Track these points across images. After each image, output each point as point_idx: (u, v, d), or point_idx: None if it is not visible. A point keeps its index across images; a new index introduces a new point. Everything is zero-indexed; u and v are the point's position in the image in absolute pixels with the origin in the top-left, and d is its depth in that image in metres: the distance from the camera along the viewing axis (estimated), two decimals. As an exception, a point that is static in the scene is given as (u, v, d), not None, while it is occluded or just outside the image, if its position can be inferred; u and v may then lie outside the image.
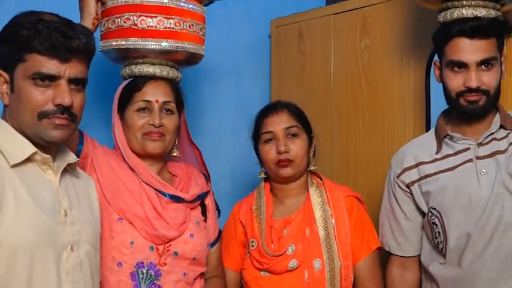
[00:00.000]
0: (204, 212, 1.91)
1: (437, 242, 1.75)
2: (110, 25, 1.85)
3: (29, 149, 1.37)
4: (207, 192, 1.95)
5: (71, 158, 1.50)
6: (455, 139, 1.75)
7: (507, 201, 1.64)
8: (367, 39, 2.40)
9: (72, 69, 1.37)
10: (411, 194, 1.81)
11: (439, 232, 1.73)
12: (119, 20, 1.83)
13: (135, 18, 1.82)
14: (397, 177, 1.84)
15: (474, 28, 1.64)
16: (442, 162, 1.76)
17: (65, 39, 1.34)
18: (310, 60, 2.62)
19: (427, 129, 2.14)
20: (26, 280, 1.29)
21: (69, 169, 1.50)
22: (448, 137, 1.76)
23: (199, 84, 2.60)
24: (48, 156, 1.40)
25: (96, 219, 1.56)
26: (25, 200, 1.32)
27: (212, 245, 1.92)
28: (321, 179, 2.01)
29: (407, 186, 1.81)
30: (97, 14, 1.82)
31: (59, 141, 1.40)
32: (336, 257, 1.86)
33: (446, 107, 1.80)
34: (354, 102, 2.43)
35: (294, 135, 1.94)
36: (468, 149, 1.72)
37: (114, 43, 1.86)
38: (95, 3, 1.81)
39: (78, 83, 1.40)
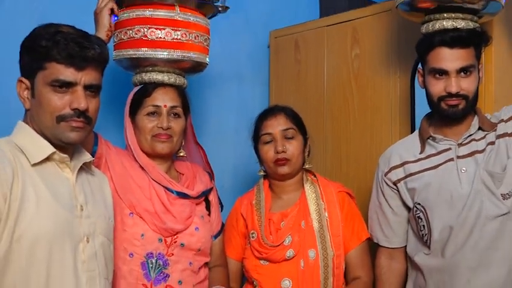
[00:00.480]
0: (208, 207, 1.92)
1: (422, 235, 1.75)
2: (122, 36, 1.86)
3: (48, 149, 1.38)
4: (211, 189, 1.95)
5: (87, 157, 1.51)
6: (438, 140, 1.75)
7: (485, 196, 1.64)
8: (357, 49, 2.40)
9: (87, 76, 1.38)
10: (398, 190, 1.82)
11: (423, 225, 1.74)
12: (131, 31, 1.84)
13: (145, 30, 1.82)
14: (385, 175, 1.84)
15: (454, 38, 1.64)
16: (425, 162, 1.76)
17: (80, 49, 1.36)
18: (305, 67, 2.62)
19: (412, 130, 2.14)
20: (45, 270, 1.30)
21: (84, 168, 1.51)
22: (430, 138, 1.77)
23: (203, 90, 2.60)
24: (65, 155, 1.41)
25: (110, 213, 1.57)
26: (44, 196, 1.33)
27: (215, 236, 1.93)
28: (315, 176, 2.02)
29: (394, 183, 1.82)
30: (110, 26, 1.83)
31: (75, 142, 1.42)
32: (329, 247, 1.86)
33: (429, 110, 1.80)
34: (345, 106, 2.43)
35: (291, 136, 1.94)
36: (449, 149, 1.73)
37: (126, 53, 1.86)
38: (109, 16, 1.82)
39: (93, 89, 1.41)
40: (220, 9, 1.98)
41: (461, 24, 1.69)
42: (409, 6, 1.77)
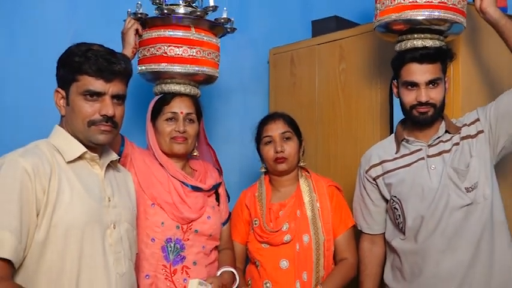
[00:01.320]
0: (217, 199, 1.93)
1: (398, 223, 1.76)
2: (146, 53, 1.88)
3: (81, 149, 1.40)
4: (220, 183, 1.96)
5: (113, 156, 1.53)
6: (410, 142, 1.76)
7: (452, 190, 1.65)
8: (344, 64, 2.40)
9: (114, 87, 1.40)
10: (377, 185, 1.83)
11: (399, 215, 1.75)
12: (153, 49, 1.86)
13: (166, 47, 1.84)
14: (366, 172, 1.85)
15: (423, 55, 1.66)
16: (400, 160, 1.77)
17: (108, 64, 1.37)
18: (299, 80, 2.63)
19: (391, 134, 2.15)
20: (78, 252, 1.31)
21: (111, 165, 1.52)
22: (404, 140, 1.77)
23: (213, 99, 2.61)
24: (95, 154, 1.43)
25: (133, 203, 1.58)
26: (77, 188, 1.35)
27: (224, 224, 1.94)
28: (308, 172, 2.03)
29: (374, 179, 1.83)
30: (135, 44, 1.84)
31: (104, 143, 1.43)
32: (321, 233, 1.88)
33: (404, 117, 1.81)
34: (334, 113, 2.44)
35: (288, 138, 1.95)
36: (420, 149, 1.74)
37: (148, 67, 1.87)
38: (134, 36, 1.83)
39: (119, 98, 1.43)
40: (228, 30, 1.99)
41: (429, 43, 1.69)
42: (384, 28, 1.77)
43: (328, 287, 1.81)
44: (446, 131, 1.72)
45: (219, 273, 1.81)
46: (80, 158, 1.41)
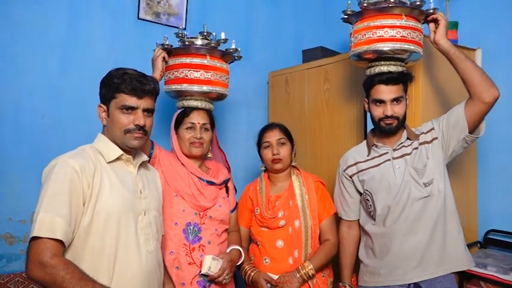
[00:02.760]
0: (227, 191, 1.90)
1: (370, 211, 1.74)
2: (171, 76, 1.87)
3: (118, 152, 1.40)
4: (229, 179, 1.94)
5: (144, 157, 1.52)
6: (379, 147, 1.74)
7: (412, 185, 1.63)
8: (327, 84, 2.39)
9: (145, 103, 1.40)
10: (352, 181, 1.80)
11: (370, 205, 1.73)
12: (176, 72, 1.84)
13: (186, 71, 1.83)
14: (344, 171, 1.83)
15: (388, 78, 1.64)
16: (371, 161, 1.75)
17: (140, 84, 1.38)
18: (292, 97, 2.61)
19: (365, 140, 2.14)
20: (116, 233, 1.31)
21: (143, 165, 1.52)
22: (374, 145, 1.75)
23: (225, 112, 2.61)
24: (130, 156, 1.44)
25: (160, 195, 1.57)
26: (116, 183, 1.35)
27: (232, 211, 1.92)
28: (299, 170, 2.00)
29: (350, 176, 1.80)
30: (163, 69, 1.83)
31: (136, 147, 1.43)
32: (309, 219, 1.85)
33: (373, 127, 1.79)
34: (319, 123, 2.42)
35: (283, 143, 1.92)
36: (387, 153, 1.71)
37: (173, 87, 1.86)
38: (162, 62, 1.82)
39: (148, 111, 1.42)
40: (236, 57, 1.98)
41: (393, 68, 1.67)
42: (357, 57, 1.75)
43: (314, 262, 1.79)
44: (408, 138, 1.70)
45: (228, 250, 1.80)
46: (118, 159, 1.41)
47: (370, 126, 2.12)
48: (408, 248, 1.62)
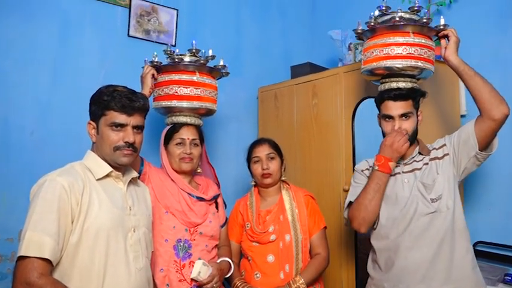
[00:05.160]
0: (216, 206, 1.88)
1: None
2: (160, 92, 1.86)
3: (107, 169, 1.38)
4: (219, 194, 1.92)
5: (134, 174, 1.50)
6: None
7: (420, 200, 1.60)
8: (316, 99, 2.40)
9: (134, 119, 1.39)
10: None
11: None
12: (166, 89, 1.84)
13: (176, 88, 1.82)
14: (362, 171, 1.77)
15: (396, 95, 1.63)
16: None
17: (130, 101, 1.37)
18: (281, 112, 2.62)
19: (353, 155, 2.15)
20: (105, 250, 1.29)
21: (132, 181, 1.50)
22: None
23: (215, 127, 2.60)
24: (119, 173, 1.42)
25: (149, 211, 1.55)
26: (104, 200, 1.33)
27: (222, 226, 1.89)
28: (289, 185, 1.99)
29: (366, 175, 1.75)
30: (152, 86, 1.82)
31: (126, 164, 1.41)
32: (299, 233, 1.83)
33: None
34: (308, 137, 2.43)
35: (272, 158, 1.92)
36: (398, 165, 1.68)
37: (163, 103, 1.85)
38: (151, 79, 1.82)
39: (138, 128, 1.41)
40: (224, 73, 1.97)
41: (402, 84, 1.66)
42: (369, 72, 1.72)
43: (305, 276, 1.76)
44: (419, 153, 1.68)
45: (218, 261, 1.78)
46: (107, 176, 1.38)
47: (358, 139, 2.15)
48: (412, 263, 1.58)
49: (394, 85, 1.66)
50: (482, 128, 1.55)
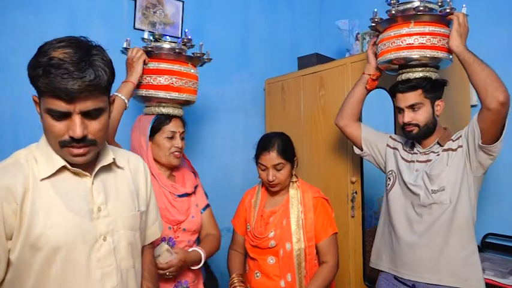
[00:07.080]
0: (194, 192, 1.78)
1: (386, 189, 1.75)
2: (142, 81, 1.71)
3: (58, 163, 1.01)
4: (197, 186, 1.81)
5: (107, 159, 1.10)
6: (416, 145, 1.69)
7: (422, 190, 1.58)
8: (323, 90, 2.35)
9: (81, 105, 0.94)
10: (386, 146, 1.80)
11: (389, 184, 1.74)
12: (150, 78, 1.71)
13: (172, 78, 1.70)
14: (390, 136, 1.81)
15: (403, 87, 1.61)
16: (404, 153, 1.72)
17: (71, 80, 0.90)
18: (288, 104, 2.58)
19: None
20: (57, 274, 0.97)
21: (106, 168, 1.10)
22: (412, 143, 1.71)
23: (222, 119, 2.57)
24: (76, 169, 1.03)
25: (138, 203, 1.16)
26: (56, 206, 0.98)
27: (203, 210, 1.78)
28: (298, 181, 1.82)
29: (387, 144, 1.80)
30: (142, 73, 1.67)
31: (83, 163, 1.02)
32: (302, 241, 1.69)
33: None
34: (315, 128, 2.39)
35: (280, 169, 1.74)
36: (416, 153, 1.67)
37: (151, 93, 1.71)
38: (142, 65, 1.66)
39: (91, 113, 0.97)
40: (206, 60, 1.83)
41: (419, 74, 1.60)
42: (386, 63, 1.68)
43: None
44: (438, 143, 1.62)
45: (190, 250, 1.65)
46: (64, 167, 1.01)
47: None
48: (405, 245, 1.59)
49: (405, 76, 1.63)
50: (482, 118, 1.46)
